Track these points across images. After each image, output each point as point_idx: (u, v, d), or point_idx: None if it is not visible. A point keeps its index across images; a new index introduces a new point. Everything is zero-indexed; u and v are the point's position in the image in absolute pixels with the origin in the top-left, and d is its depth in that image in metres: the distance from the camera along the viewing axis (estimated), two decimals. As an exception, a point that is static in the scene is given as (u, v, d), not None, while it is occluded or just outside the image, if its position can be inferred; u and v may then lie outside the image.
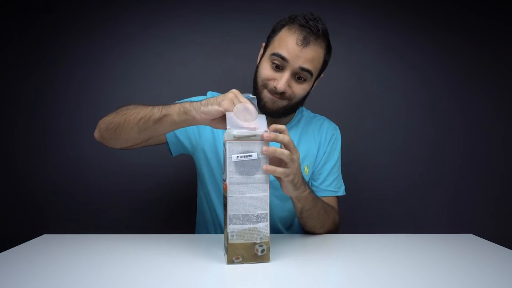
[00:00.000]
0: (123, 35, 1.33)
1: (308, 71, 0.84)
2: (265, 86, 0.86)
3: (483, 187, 1.37)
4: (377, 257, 0.67)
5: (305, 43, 0.82)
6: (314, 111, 1.11)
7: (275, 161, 0.65)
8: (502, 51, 1.37)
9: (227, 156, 0.60)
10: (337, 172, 0.99)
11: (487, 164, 1.37)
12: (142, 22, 1.33)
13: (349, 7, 1.35)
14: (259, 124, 0.63)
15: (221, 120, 0.66)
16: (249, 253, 0.62)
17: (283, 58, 0.82)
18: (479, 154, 1.37)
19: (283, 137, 0.64)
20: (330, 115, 1.35)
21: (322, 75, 0.94)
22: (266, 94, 0.86)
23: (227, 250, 0.62)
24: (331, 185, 0.96)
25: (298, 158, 0.66)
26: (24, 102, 1.32)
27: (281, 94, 0.84)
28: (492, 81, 1.37)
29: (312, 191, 0.78)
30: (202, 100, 0.68)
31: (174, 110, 0.70)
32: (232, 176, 0.60)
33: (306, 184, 0.75)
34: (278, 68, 0.84)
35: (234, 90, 0.68)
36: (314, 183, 0.97)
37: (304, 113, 1.03)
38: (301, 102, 0.91)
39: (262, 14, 1.35)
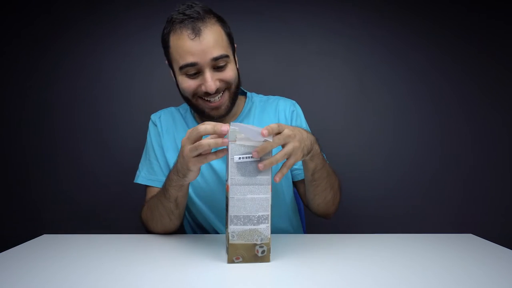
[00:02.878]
0: (123, 35, 1.33)
1: (221, 56, 0.77)
2: (196, 95, 0.82)
3: (483, 187, 1.37)
4: (377, 257, 0.67)
5: (196, 32, 0.75)
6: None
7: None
8: (503, 51, 1.37)
9: (229, 157, 0.60)
10: None
11: (487, 164, 1.37)
12: (142, 22, 1.33)
13: (349, 7, 1.35)
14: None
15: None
16: (249, 254, 0.62)
17: (192, 64, 0.77)
18: (479, 154, 1.37)
19: (272, 128, 0.60)
20: (330, 115, 1.36)
21: (236, 45, 0.88)
22: (203, 104, 0.83)
23: (227, 250, 0.62)
24: None
25: (291, 128, 0.63)
26: (25, 102, 1.32)
27: (216, 93, 0.80)
28: (493, 81, 1.37)
29: (321, 149, 0.74)
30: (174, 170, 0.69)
31: (172, 189, 0.71)
32: (233, 177, 0.60)
33: (314, 140, 0.70)
34: (195, 74, 0.79)
35: (185, 141, 0.63)
36: (295, 166, 0.93)
37: (254, 99, 0.98)
38: (239, 83, 0.86)
39: (262, 14, 1.35)
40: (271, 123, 0.92)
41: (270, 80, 1.36)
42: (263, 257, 0.62)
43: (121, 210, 1.33)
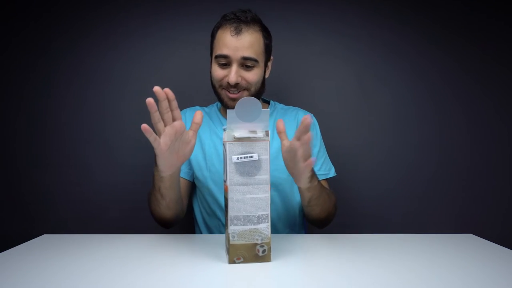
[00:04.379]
0: (123, 35, 1.33)
1: (251, 58, 0.88)
2: (221, 86, 0.92)
3: (483, 187, 1.37)
4: (377, 257, 0.67)
5: (238, 31, 0.87)
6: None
7: (289, 158, 0.65)
8: (503, 51, 1.37)
9: (227, 157, 0.60)
10: (323, 155, 1.03)
11: (487, 164, 1.37)
12: (142, 22, 1.33)
13: (349, 7, 1.35)
14: (261, 122, 0.62)
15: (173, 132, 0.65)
16: (250, 254, 0.62)
17: (224, 56, 0.88)
18: (479, 154, 1.37)
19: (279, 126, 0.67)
20: (330, 115, 1.36)
21: (272, 57, 0.99)
22: (224, 94, 0.92)
23: (228, 251, 0.62)
24: (321, 169, 1.00)
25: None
26: (25, 102, 1.32)
27: (236, 87, 0.90)
28: (493, 81, 1.37)
29: (319, 180, 0.79)
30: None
31: (156, 174, 0.74)
32: (232, 177, 0.60)
33: (315, 174, 0.76)
34: (225, 65, 0.90)
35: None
36: None
37: (277, 106, 1.08)
38: (260, 89, 0.95)
39: (262, 14, 1.35)
40: (288, 129, 0.99)
41: (270, 80, 1.35)
42: (264, 257, 0.62)
43: (121, 210, 1.33)
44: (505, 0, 1.36)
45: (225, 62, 0.89)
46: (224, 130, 0.63)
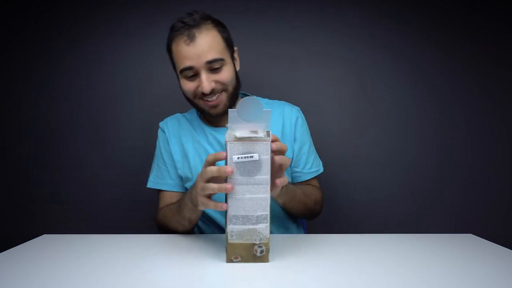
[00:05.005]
0: (123, 35, 1.33)
1: (216, 60, 0.83)
2: (196, 96, 0.88)
3: (483, 187, 1.37)
4: (377, 257, 0.67)
5: (191, 38, 0.82)
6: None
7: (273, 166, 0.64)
8: (503, 51, 1.37)
9: (228, 157, 0.60)
10: (313, 151, 1.02)
11: (488, 164, 1.37)
12: (142, 22, 1.33)
13: (349, 7, 1.35)
14: (262, 122, 0.61)
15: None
16: (248, 253, 0.62)
17: (189, 68, 0.83)
18: (480, 154, 1.37)
19: (282, 145, 0.63)
20: (330, 115, 1.36)
21: (236, 48, 0.93)
22: (203, 104, 0.88)
23: (226, 249, 0.62)
24: (312, 166, 0.99)
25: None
26: (25, 102, 1.33)
27: (212, 92, 0.85)
28: (493, 81, 1.37)
29: (290, 186, 0.79)
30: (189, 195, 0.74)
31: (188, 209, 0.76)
32: (233, 176, 0.60)
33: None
34: (193, 76, 0.85)
35: (199, 178, 0.65)
36: (297, 169, 0.98)
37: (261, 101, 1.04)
38: (237, 85, 0.91)
39: (263, 14, 1.35)
40: (273, 125, 0.96)
41: (269, 80, 1.36)
42: (262, 257, 0.62)
43: (121, 210, 1.33)
44: (505, 0, 1.36)
45: (192, 74, 0.85)
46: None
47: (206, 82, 0.83)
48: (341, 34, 1.36)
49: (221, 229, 0.93)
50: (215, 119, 0.92)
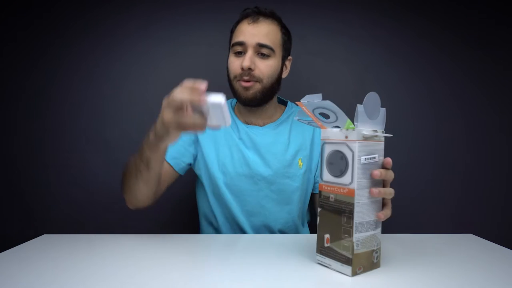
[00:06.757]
0: (122, 35, 1.33)
1: (266, 46, 0.88)
2: (235, 78, 0.90)
3: (483, 187, 1.37)
4: (377, 257, 0.67)
5: (255, 20, 0.88)
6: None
7: None
8: (503, 51, 1.37)
9: (355, 158, 0.54)
10: None
11: (488, 164, 1.37)
12: (142, 22, 1.33)
13: (349, 7, 1.35)
14: (381, 119, 0.59)
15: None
16: (368, 262, 0.58)
17: (240, 43, 0.88)
18: (479, 154, 1.37)
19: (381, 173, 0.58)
20: (330, 115, 1.36)
21: (290, 57, 0.98)
22: (238, 85, 0.90)
23: (347, 261, 0.56)
24: None
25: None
26: (24, 102, 1.32)
27: (249, 72, 0.87)
28: (492, 82, 1.37)
29: None
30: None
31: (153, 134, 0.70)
32: (360, 179, 0.55)
33: None
34: (241, 54, 0.89)
35: (165, 101, 0.65)
36: (317, 179, 0.99)
37: (294, 109, 1.04)
38: (274, 85, 0.92)
39: (262, 14, 1.35)
40: (305, 132, 0.98)
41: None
42: (376, 263, 0.59)
43: (121, 210, 1.33)
44: (505, 0, 1.36)
45: (241, 50, 0.89)
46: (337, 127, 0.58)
47: (248, 58, 0.86)
48: (341, 34, 1.36)
49: (240, 228, 0.93)
50: (246, 104, 0.92)
